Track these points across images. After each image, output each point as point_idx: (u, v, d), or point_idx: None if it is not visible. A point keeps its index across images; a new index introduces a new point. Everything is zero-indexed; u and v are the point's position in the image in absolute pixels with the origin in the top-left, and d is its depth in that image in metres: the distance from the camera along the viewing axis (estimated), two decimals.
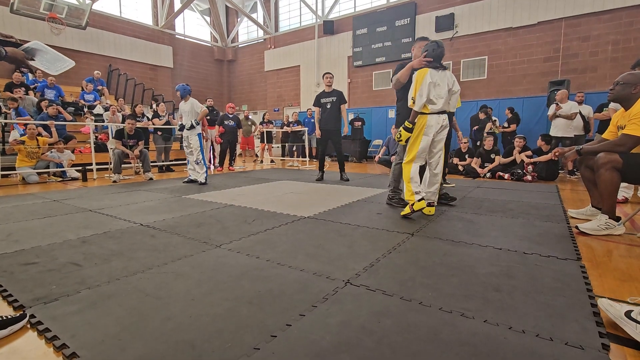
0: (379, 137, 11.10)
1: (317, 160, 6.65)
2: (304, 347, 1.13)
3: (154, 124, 7.43)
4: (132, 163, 6.48)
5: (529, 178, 5.54)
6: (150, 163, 6.29)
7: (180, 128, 5.41)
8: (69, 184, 5.52)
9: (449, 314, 1.33)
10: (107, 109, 8.54)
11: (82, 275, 1.74)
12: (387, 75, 11.24)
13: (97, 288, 1.59)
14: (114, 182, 5.65)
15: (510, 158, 6.04)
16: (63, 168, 6.10)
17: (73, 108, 8.32)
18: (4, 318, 1.24)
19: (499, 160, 6.09)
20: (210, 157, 7.97)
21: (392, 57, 10.98)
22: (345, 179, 5.55)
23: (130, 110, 8.62)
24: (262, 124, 9.99)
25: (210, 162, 7.90)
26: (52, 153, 6.09)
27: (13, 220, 2.96)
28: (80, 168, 6.01)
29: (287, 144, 10.62)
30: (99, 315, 1.34)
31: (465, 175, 6.28)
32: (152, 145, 7.60)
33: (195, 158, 5.36)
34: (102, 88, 9.97)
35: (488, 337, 1.18)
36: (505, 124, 7.66)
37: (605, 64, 8.08)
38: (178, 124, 5.49)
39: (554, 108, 6.13)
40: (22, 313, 1.31)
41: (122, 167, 5.96)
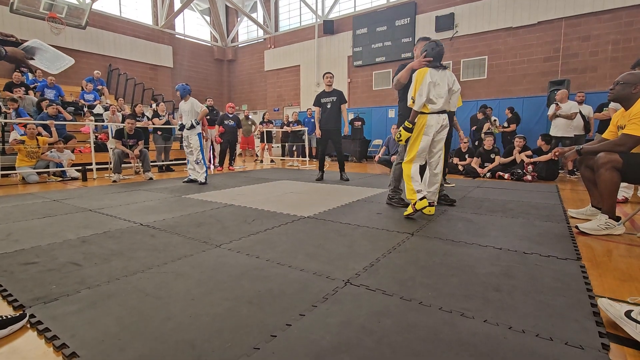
0: (379, 137, 11.10)
1: (317, 160, 6.65)
2: (304, 347, 1.13)
3: (154, 124, 7.43)
4: (132, 163, 6.48)
5: (529, 178, 5.54)
6: (150, 163, 6.29)
7: (180, 128, 5.41)
8: (69, 184, 5.52)
9: (449, 314, 1.33)
10: (107, 109, 8.54)
11: (82, 275, 1.74)
12: (387, 75, 11.24)
13: (97, 288, 1.59)
14: (114, 181, 5.66)
15: (510, 158, 6.04)
16: (63, 168, 6.10)
17: (73, 108, 8.31)
18: (4, 318, 1.24)
19: (499, 160, 6.08)
20: (210, 156, 7.97)
21: (392, 56, 10.99)
22: (345, 179, 5.54)
23: (130, 110, 8.62)
24: (262, 124, 9.99)
25: (210, 161, 7.90)
26: (52, 153, 6.09)
27: (13, 220, 2.97)
28: (80, 168, 6.01)
29: (287, 144, 10.65)
30: (99, 315, 1.34)
31: (465, 175, 6.28)
32: (152, 145, 7.60)
33: (195, 158, 5.36)
34: (102, 88, 9.96)
35: (488, 337, 1.18)
36: (505, 124, 7.66)
37: (605, 64, 8.08)
38: (178, 124, 5.49)
39: (554, 108, 6.13)
40: (22, 313, 1.31)
41: (122, 166, 5.96)
